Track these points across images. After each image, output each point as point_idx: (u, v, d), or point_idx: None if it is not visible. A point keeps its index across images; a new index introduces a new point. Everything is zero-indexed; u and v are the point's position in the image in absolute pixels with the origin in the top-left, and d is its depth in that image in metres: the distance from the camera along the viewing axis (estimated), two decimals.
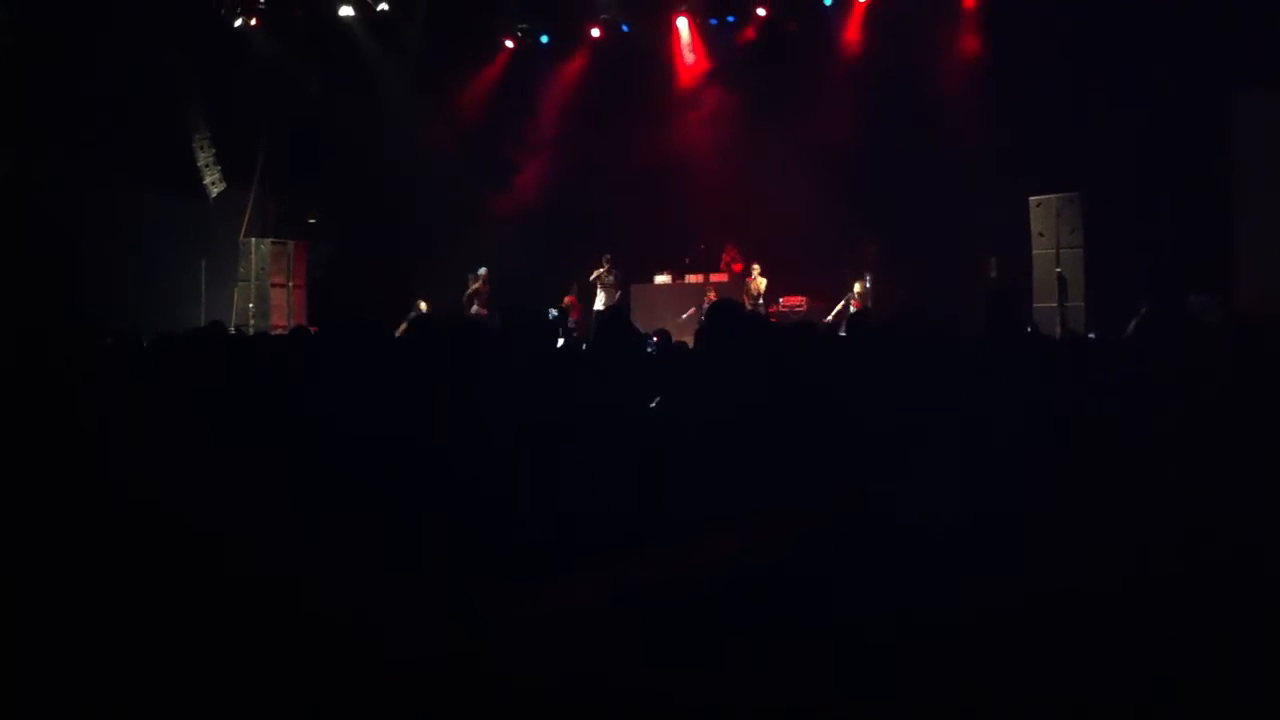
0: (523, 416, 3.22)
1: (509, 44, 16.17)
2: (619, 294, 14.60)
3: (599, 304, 14.35)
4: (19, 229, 12.86)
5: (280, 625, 2.15)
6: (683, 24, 15.49)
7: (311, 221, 16.24)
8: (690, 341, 6.15)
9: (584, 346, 5.90)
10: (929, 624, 2.47)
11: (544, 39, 16.19)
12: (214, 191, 15.40)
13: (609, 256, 14.59)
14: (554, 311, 14.24)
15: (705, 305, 13.97)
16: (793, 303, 14.33)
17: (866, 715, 2.23)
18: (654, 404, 3.77)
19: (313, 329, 8.97)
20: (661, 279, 15.15)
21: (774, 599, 2.52)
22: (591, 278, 14.64)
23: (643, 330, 5.29)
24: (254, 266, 14.77)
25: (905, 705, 2.22)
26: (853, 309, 13.38)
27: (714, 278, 14.60)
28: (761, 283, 14.11)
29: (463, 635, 2.19)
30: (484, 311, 14.42)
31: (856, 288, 13.51)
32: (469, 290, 14.83)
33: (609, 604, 2.35)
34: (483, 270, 14.83)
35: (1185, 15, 11.44)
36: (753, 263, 14.29)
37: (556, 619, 2.30)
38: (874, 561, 2.72)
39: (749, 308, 13.59)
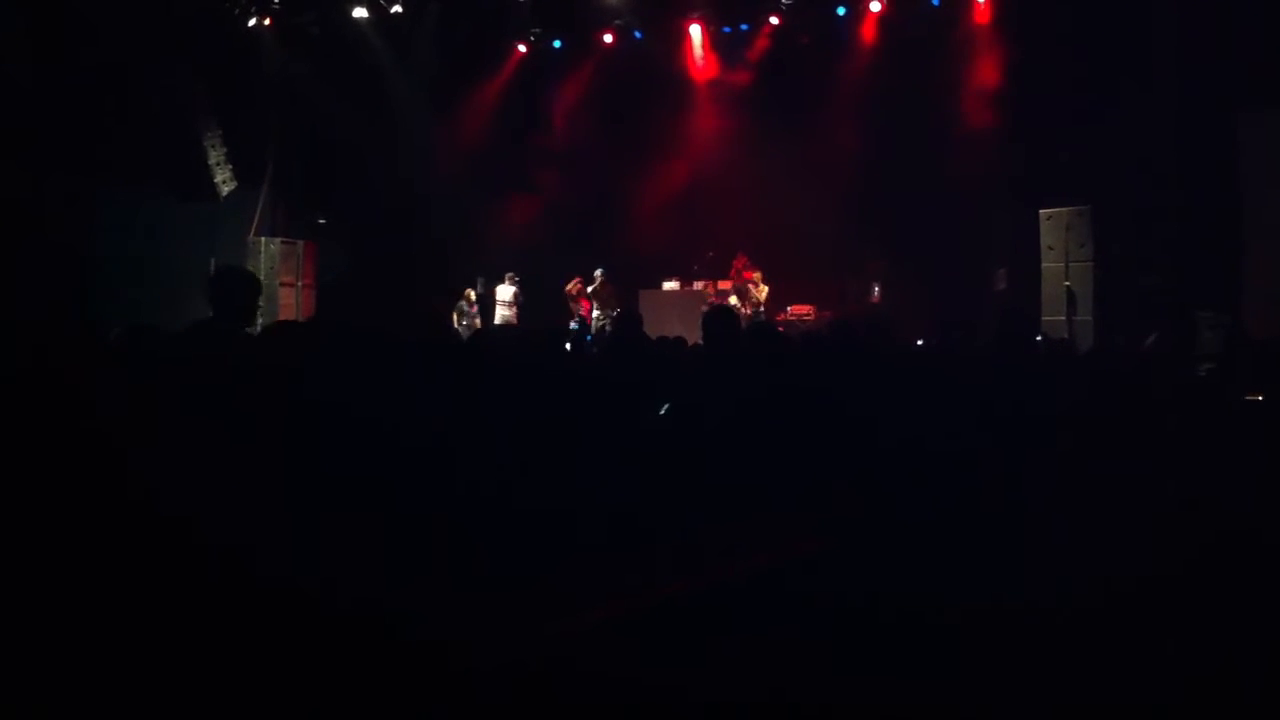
0: (528, 420, 3.21)
1: (521, 49, 16.20)
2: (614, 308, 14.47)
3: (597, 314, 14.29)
4: (29, 227, 12.90)
5: (286, 627, 2.15)
6: (695, 31, 15.50)
7: (321, 222, 16.25)
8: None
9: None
10: (932, 623, 2.47)
11: (556, 44, 16.21)
12: (224, 190, 15.42)
13: (603, 271, 14.55)
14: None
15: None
16: (800, 311, 14.37)
17: (868, 714, 2.22)
18: (663, 411, 3.76)
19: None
20: (669, 285, 15.17)
21: (776, 600, 2.50)
22: (590, 291, 14.58)
23: (652, 336, 5.28)
24: (263, 266, 14.78)
25: (907, 704, 2.21)
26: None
27: (721, 285, 14.60)
28: (764, 290, 14.12)
29: (465, 634, 2.18)
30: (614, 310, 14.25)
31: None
32: (591, 289, 14.70)
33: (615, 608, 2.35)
34: (598, 272, 14.71)
35: (1195, 31, 11.42)
36: (756, 271, 14.31)
37: (561, 619, 2.29)
38: (876, 562, 2.71)
39: (749, 315, 13.57)
